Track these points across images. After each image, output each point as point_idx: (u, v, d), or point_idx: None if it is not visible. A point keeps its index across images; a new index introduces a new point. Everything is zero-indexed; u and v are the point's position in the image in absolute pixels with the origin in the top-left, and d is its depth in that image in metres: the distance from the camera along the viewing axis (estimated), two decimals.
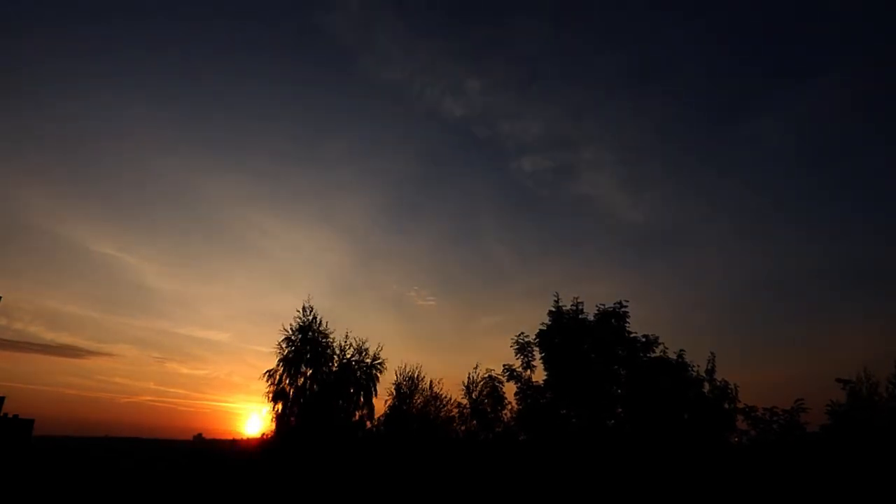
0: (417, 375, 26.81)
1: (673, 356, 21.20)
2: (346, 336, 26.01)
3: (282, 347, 25.09)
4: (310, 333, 25.34)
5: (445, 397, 26.42)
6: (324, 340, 25.46)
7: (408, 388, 26.45)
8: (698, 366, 21.04)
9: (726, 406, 20.22)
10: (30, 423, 52.35)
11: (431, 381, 26.76)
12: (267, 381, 24.64)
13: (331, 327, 25.98)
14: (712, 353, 21.11)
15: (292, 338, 25.22)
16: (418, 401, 26.34)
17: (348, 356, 25.71)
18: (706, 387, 20.66)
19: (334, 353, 25.58)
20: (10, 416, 50.29)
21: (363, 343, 26.15)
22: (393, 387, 26.33)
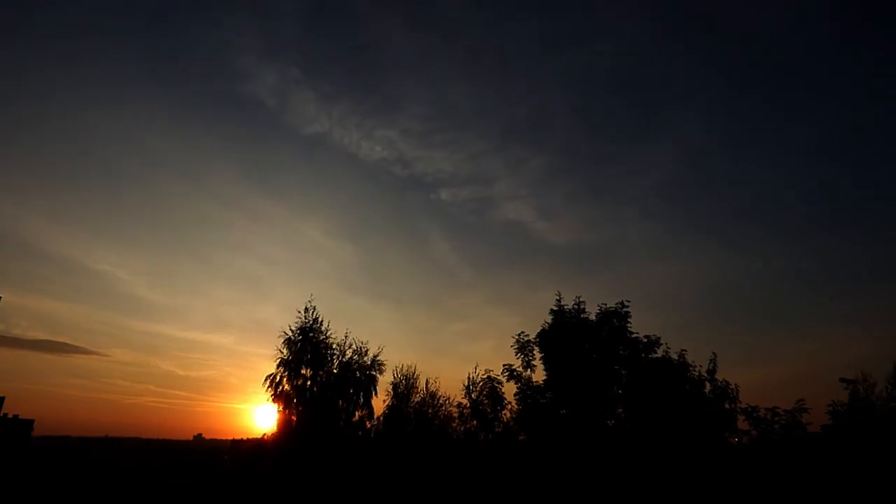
0: (414, 374, 26.72)
1: (674, 356, 21.18)
2: (346, 336, 25.90)
3: (282, 349, 25.01)
4: (310, 335, 25.22)
5: (442, 397, 26.35)
6: (324, 341, 25.35)
7: (405, 387, 26.33)
8: (700, 366, 21.00)
9: (727, 406, 20.17)
10: (30, 423, 52.19)
11: (427, 380, 26.68)
12: (268, 383, 24.52)
13: (331, 328, 25.90)
14: (714, 354, 21.04)
15: (293, 339, 25.11)
16: (415, 400, 26.24)
17: (348, 357, 25.60)
18: (707, 387, 20.60)
19: (334, 353, 25.48)
20: (10, 416, 50.23)
21: (363, 344, 26.03)
22: (390, 386, 26.27)
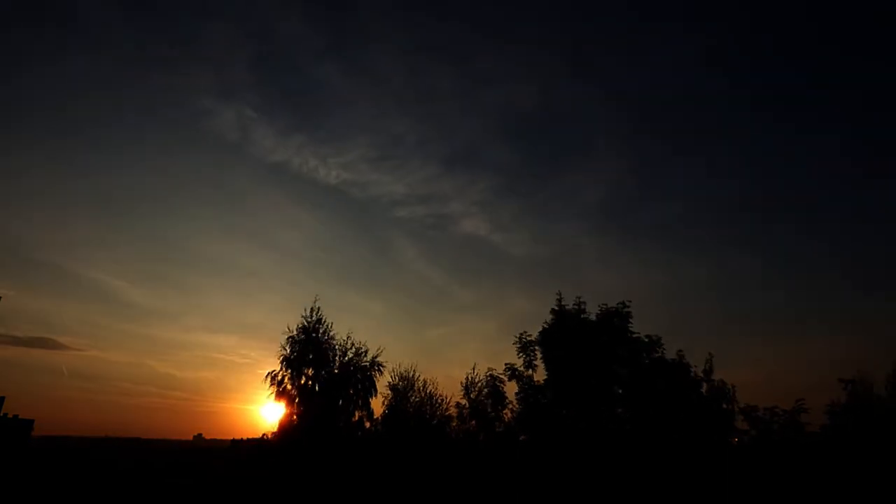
0: (413, 375, 26.82)
1: (671, 357, 21.20)
2: (348, 337, 26.01)
3: (285, 348, 25.11)
4: (313, 335, 25.31)
5: (440, 396, 26.41)
6: (327, 342, 25.42)
7: (403, 388, 26.41)
8: (696, 366, 21.00)
9: (724, 406, 20.17)
10: (30, 423, 52.10)
11: (426, 381, 26.77)
12: (269, 382, 24.62)
13: (333, 329, 26.03)
14: (710, 354, 21.04)
15: (296, 338, 25.20)
16: (414, 400, 26.30)
17: (349, 357, 25.68)
18: (704, 387, 20.60)
19: (336, 354, 25.56)
20: (10, 416, 50.17)
21: (363, 344, 26.14)
22: (388, 387, 26.34)
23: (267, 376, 24.72)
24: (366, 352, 25.96)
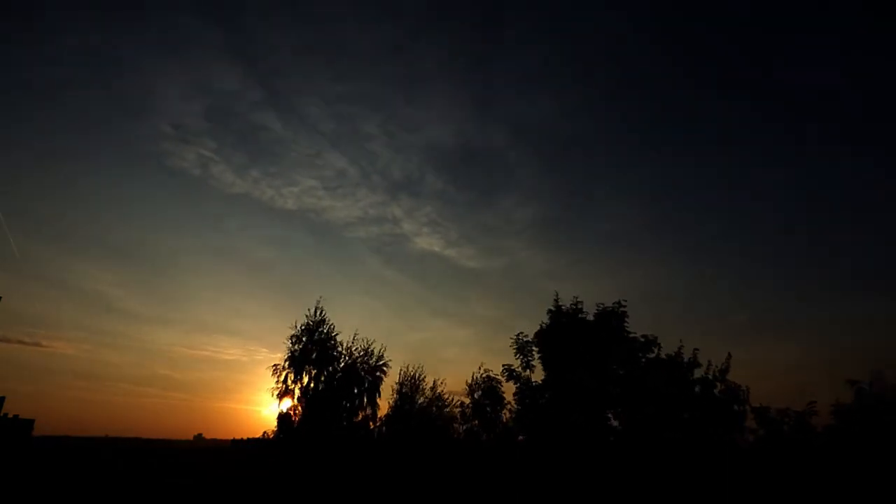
0: (419, 376, 26.89)
1: (676, 356, 21.13)
2: (354, 337, 26.10)
3: (291, 343, 25.25)
4: (315, 335, 25.39)
5: (448, 398, 26.51)
6: (329, 342, 25.49)
7: (410, 388, 26.48)
8: (715, 365, 20.88)
9: (736, 408, 20.09)
10: (30, 423, 52.14)
11: (435, 381, 26.86)
12: (273, 375, 24.81)
13: (337, 328, 26.16)
14: (729, 354, 20.94)
15: (298, 336, 25.30)
16: (420, 401, 26.36)
17: (354, 357, 25.76)
18: (718, 387, 20.50)
19: (341, 354, 25.64)
20: (11, 416, 50.16)
21: (370, 345, 26.22)
22: (395, 387, 26.43)
23: (273, 370, 24.89)
24: (372, 352, 26.14)
